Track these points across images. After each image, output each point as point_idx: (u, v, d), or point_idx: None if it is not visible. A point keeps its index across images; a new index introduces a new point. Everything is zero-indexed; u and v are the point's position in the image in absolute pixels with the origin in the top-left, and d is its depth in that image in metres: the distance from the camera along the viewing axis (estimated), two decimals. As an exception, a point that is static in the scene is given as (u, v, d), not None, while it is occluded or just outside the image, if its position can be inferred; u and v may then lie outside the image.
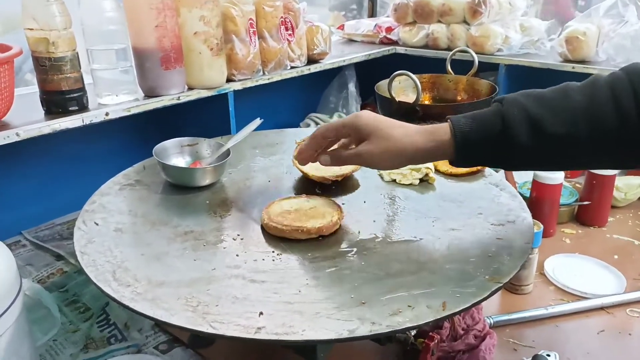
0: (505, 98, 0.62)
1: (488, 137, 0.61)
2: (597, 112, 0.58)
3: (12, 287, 0.62)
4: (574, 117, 0.58)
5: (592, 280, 0.90)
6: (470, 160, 0.64)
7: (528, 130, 0.59)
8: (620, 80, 0.59)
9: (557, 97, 0.60)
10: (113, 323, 0.83)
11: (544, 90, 0.62)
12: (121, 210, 0.71)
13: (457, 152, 0.62)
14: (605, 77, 0.61)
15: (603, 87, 0.59)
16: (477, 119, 0.62)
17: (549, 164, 0.66)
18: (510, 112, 0.60)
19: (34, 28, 0.84)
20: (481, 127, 0.61)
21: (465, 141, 0.61)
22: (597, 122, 0.58)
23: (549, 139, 0.59)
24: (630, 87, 0.57)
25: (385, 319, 0.49)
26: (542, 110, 0.59)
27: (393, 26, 1.75)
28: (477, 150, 0.62)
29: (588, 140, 0.59)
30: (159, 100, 1.00)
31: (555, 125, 0.58)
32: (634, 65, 0.60)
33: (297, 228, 0.63)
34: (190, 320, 0.48)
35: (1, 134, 0.80)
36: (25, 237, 1.08)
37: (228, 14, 1.09)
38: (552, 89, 0.62)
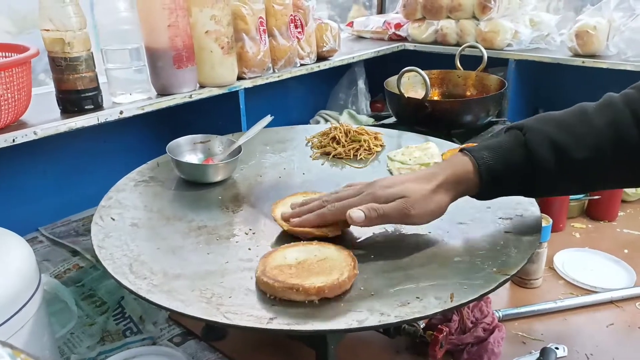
0: (525, 125, 0.62)
1: (514, 170, 0.60)
2: (621, 134, 0.58)
3: (32, 281, 0.65)
4: (599, 141, 0.58)
5: (601, 275, 0.91)
6: (497, 194, 0.64)
7: (554, 158, 0.59)
8: (636, 98, 0.59)
9: (578, 122, 0.60)
10: (128, 316, 0.85)
11: (561, 114, 0.62)
12: (136, 205, 0.73)
13: (484, 189, 0.61)
14: (619, 97, 0.61)
15: (621, 107, 0.59)
16: (499, 151, 0.61)
17: (576, 188, 0.66)
18: (534, 141, 0.60)
19: (50, 29, 0.86)
20: (506, 161, 0.60)
21: (491, 175, 0.60)
22: (622, 144, 0.58)
23: (575, 165, 0.59)
24: None
25: (394, 309, 0.50)
26: (565, 136, 0.59)
27: (402, 22, 1.75)
28: (502, 182, 0.61)
29: (614, 162, 0.59)
30: (172, 98, 1.02)
31: (580, 150, 0.58)
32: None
33: (291, 286, 0.51)
34: (205, 311, 0.50)
35: (19, 133, 0.82)
36: (42, 233, 1.10)
37: (238, 12, 1.11)
38: (568, 113, 0.62)
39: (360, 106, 1.70)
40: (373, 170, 0.87)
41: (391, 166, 0.86)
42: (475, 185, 0.61)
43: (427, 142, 0.93)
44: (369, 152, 0.93)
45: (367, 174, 0.86)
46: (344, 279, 0.53)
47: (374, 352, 0.75)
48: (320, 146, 0.96)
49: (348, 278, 0.53)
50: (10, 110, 0.81)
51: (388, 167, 0.87)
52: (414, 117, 1.22)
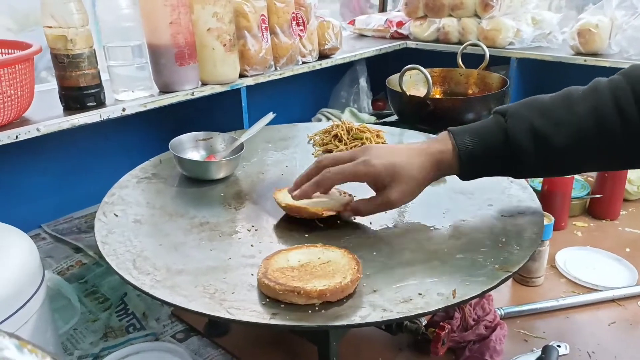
0: (508, 111, 0.63)
1: (493, 154, 0.62)
2: (602, 122, 0.59)
3: (36, 276, 0.65)
4: (579, 128, 0.59)
5: (603, 273, 0.91)
6: (476, 175, 0.66)
7: (533, 145, 0.60)
8: (621, 86, 0.59)
9: (561, 109, 0.61)
10: (131, 313, 0.85)
11: (546, 99, 0.63)
12: (139, 202, 0.73)
13: (463, 170, 0.64)
14: (605, 83, 0.61)
15: (605, 96, 0.59)
16: (481, 135, 0.63)
17: (556, 172, 0.68)
18: (514, 127, 0.61)
19: (53, 26, 0.86)
20: (485, 143, 0.62)
21: (470, 160, 0.63)
22: (603, 132, 0.59)
23: (554, 152, 0.60)
24: (631, 93, 0.58)
25: (397, 306, 0.50)
26: (546, 123, 0.60)
27: (404, 21, 1.76)
28: (483, 167, 0.64)
29: (594, 149, 0.60)
30: (174, 95, 1.02)
31: (561, 138, 0.59)
32: (632, 68, 0.61)
33: (292, 289, 0.50)
34: (208, 306, 0.50)
35: (23, 129, 0.82)
36: (44, 230, 1.10)
37: (240, 10, 1.11)
38: (554, 98, 0.63)
39: (362, 104, 1.70)
40: (375, 167, 0.87)
41: (393, 164, 0.86)
42: (456, 167, 0.64)
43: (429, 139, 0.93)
44: None
45: (369, 171, 0.86)
46: (346, 283, 0.52)
47: (376, 349, 0.75)
48: (323, 144, 0.96)
49: (351, 282, 0.52)
50: (14, 107, 0.82)
51: (390, 164, 0.87)
52: (416, 115, 1.22)
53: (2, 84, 0.78)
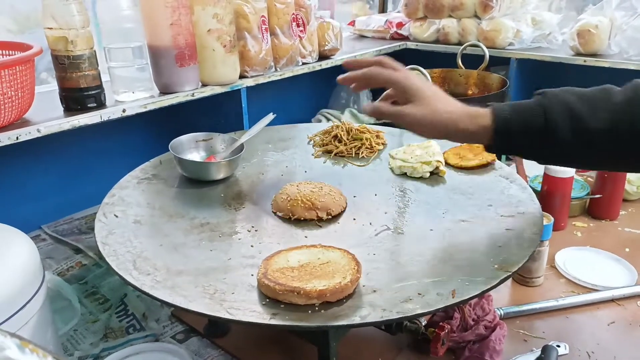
0: (547, 91, 0.63)
1: (529, 128, 0.61)
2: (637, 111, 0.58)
3: (36, 277, 0.65)
4: (615, 114, 0.59)
5: (603, 273, 0.91)
6: (508, 149, 0.65)
7: (570, 124, 0.59)
8: None
9: (599, 95, 0.61)
10: (131, 314, 0.85)
11: (586, 89, 0.63)
12: (139, 203, 0.73)
13: (497, 139, 0.62)
14: None
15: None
16: (520, 110, 0.62)
17: (585, 160, 0.66)
18: (552, 105, 0.60)
19: (54, 27, 0.86)
20: (522, 117, 0.61)
21: (506, 130, 0.62)
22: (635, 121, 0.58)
23: (589, 134, 0.59)
24: None
25: (396, 305, 0.50)
26: (584, 106, 0.60)
27: (404, 21, 1.76)
28: (517, 140, 0.62)
29: (627, 139, 0.59)
30: (174, 96, 1.02)
31: (597, 121, 0.59)
32: None
33: (292, 289, 0.51)
34: (208, 306, 0.50)
35: (23, 130, 0.82)
36: (45, 231, 1.11)
37: (240, 11, 1.11)
38: (592, 89, 0.63)
39: (361, 105, 1.70)
40: (375, 168, 0.88)
41: (393, 164, 0.87)
42: (489, 133, 0.62)
43: (428, 140, 0.93)
44: (371, 150, 0.94)
45: (368, 172, 0.86)
46: (346, 283, 0.52)
47: (376, 350, 0.75)
48: (322, 144, 0.97)
49: (351, 282, 0.52)
50: (14, 108, 0.82)
51: (390, 165, 0.87)
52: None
53: (3, 85, 0.78)
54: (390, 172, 0.86)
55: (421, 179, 0.82)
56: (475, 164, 0.84)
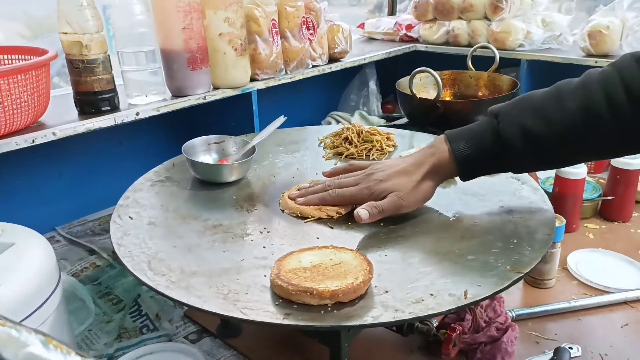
0: (501, 112, 0.66)
1: (487, 156, 0.66)
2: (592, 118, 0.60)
3: (53, 277, 0.66)
4: (570, 126, 0.61)
5: (615, 275, 0.90)
6: (475, 175, 0.70)
7: (525, 145, 0.63)
8: (611, 79, 0.60)
9: (552, 105, 0.63)
10: (145, 314, 0.86)
11: (539, 96, 0.65)
12: (153, 205, 0.74)
13: (461, 173, 0.69)
14: (596, 77, 0.62)
15: (596, 91, 0.60)
16: (475, 139, 0.66)
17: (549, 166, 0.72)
18: (506, 129, 0.64)
19: (68, 32, 0.88)
20: (479, 147, 0.66)
21: (467, 163, 0.67)
22: (593, 127, 0.60)
23: (545, 149, 0.63)
24: (622, 86, 0.59)
25: (408, 306, 0.51)
26: (537, 122, 0.62)
27: (413, 24, 1.76)
28: (479, 168, 0.69)
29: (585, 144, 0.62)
30: (186, 100, 1.03)
31: (552, 137, 0.62)
32: (622, 61, 0.62)
33: (305, 290, 0.51)
34: (222, 306, 0.51)
35: (39, 133, 0.84)
36: (59, 232, 1.12)
37: (251, 15, 1.12)
38: (546, 94, 0.65)
39: (371, 107, 1.70)
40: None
41: (404, 166, 0.87)
42: (454, 171, 0.69)
43: (439, 142, 0.93)
44: (382, 152, 0.94)
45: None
46: (358, 283, 0.52)
47: (387, 351, 0.75)
48: (333, 147, 0.97)
49: (363, 282, 0.53)
50: (30, 111, 0.83)
51: (400, 167, 0.88)
52: (425, 117, 1.23)
53: (19, 89, 0.79)
54: (401, 173, 0.86)
55: (432, 180, 0.82)
56: (486, 166, 0.84)
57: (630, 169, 1.06)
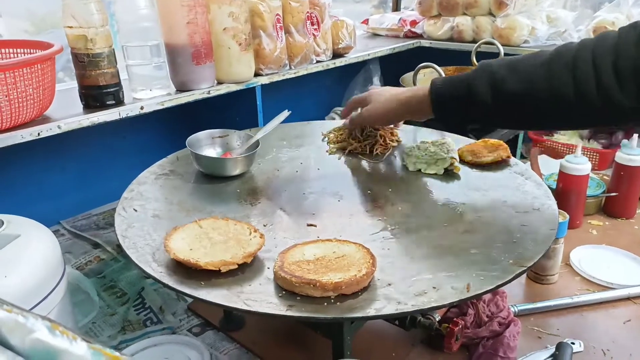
0: (483, 62, 0.70)
1: (455, 94, 0.71)
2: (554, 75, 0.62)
3: (58, 269, 0.67)
4: (530, 75, 0.64)
5: (618, 271, 0.90)
6: (442, 114, 0.75)
7: (489, 89, 0.67)
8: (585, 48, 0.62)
9: (526, 59, 0.66)
10: (149, 307, 0.87)
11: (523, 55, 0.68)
12: (157, 198, 0.74)
13: (433, 106, 0.74)
14: (574, 44, 0.64)
15: (566, 53, 0.63)
16: (451, 79, 0.73)
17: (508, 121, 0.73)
18: (477, 73, 0.69)
19: (74, 26, 0.88)
20: (451, 85, 0.72)
21: (438, 96, 0.73)
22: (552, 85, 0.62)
23: (505, 96, 0.66)
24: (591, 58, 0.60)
25: (411, 299, 0.51)
26: (506, 71, 0.66)
27: (417, 19, 1.76)
28: (447, 106, 0.73)
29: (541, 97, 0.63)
30: (191, 94, 1.04)
31: (513, 83, 0.65)
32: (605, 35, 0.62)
33: (308, 282, 0.51)
34: (226, 297, 0.51)
35: (44, 127, 0.84)
36: (63, 226, 1.13)
37: (256, 9, 1.12)
38: (528, 54, 0.68)
39: (375, 103, 1.70)
40: (389, 165, 0.88)
41: (407, 161, 0.87)
42: (428, 102, 0.75)
43: (442, 137, 0.93)
44: (385, 147, 0.94)
45: (382, 168, 0.87)
46: (361, 276, 0.52)
47: (390, 345, 0.75)
48: (337, 141, 0.97)
49: (366, 275, 0.53)
50: (36, 105, 0.84)
51: (404, 161, 0.88)
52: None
53: (24, 82, 0.80)
54: (405, 168, 0.86)
55: (435, 175, 0.83)
56: (489, 161, 0.84)
57: (635, 166, 1.06)
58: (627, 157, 1.06)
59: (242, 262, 0.56)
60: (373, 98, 0.83)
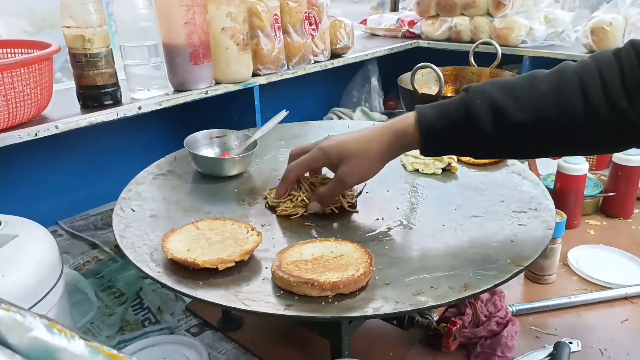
0: (471, 86, 0.63)
1: (452, 125, 0.61)
2: (564, 102, 0.57)
3: (56, 269, 0.67)
4: (540, 105, 0.58)
5: (616, 271, 0.90)
6: (436, 148, 0.65)
7: (491, 119, 0.59)
8: (588, 69, 0.58)
9: (524, 86, 0.60)
10: (147, 307, 0.87)
11: (512, 79, 0.63)
12: (155, 197, 0.74)
13: (423, 142, 0.63)
14: (573, 66, 0.60)
15: (571, 77, 0.58)
16: (442, 108, 0.63)
17: (513, 152, 0.66)
18: (474, 101, 0.60)
19: (71, 26, 0.88)
20: (445, 115, 0.62)
21: (430, 130, 0.62)
22: (564, 111, 0.57)
23: (512, 127, 0.59)
24: (598, 77, 0.57)
25: (409, 298, 0.51)
26: (507, 98, 0.59)
27: (416, 20, 1.76)
28: (442, 139, 0.63)
29: (553, 130, 0.59)
30: (188, 94, 1.04)
31: (520, 113, 0.58)
32: (601, 54, 0.60)
33: (306, 281, 0.51)
34: (224, 297, 0.51)
35: (42, 127, 0.84)
36: (61, 226, 1.13)
37: (254, 9, 1.12)
38: (519, 77, 0.63)
39: (373, 104, 1.70)
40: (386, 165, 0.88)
41: (405, 161, 0.87)
42: (417, 139, 0.63)
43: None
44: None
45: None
46: (359, 275, 0.52)
47: (388, 345, 0.75)
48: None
49: (364, 274, 0.53)
50: (33, 105, 0.84)
51: (402, 162, 0.88)
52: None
53: (22, 82, 0.80)
54: (403, 168, 0.86)
55: (433, 175, 0.83)
56: (487, 161, 0.84)
57: (632, 166, 1.06)
58: (624, 157, 1.06)
59: (239, 260, 0.56)
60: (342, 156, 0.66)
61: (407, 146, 0.66)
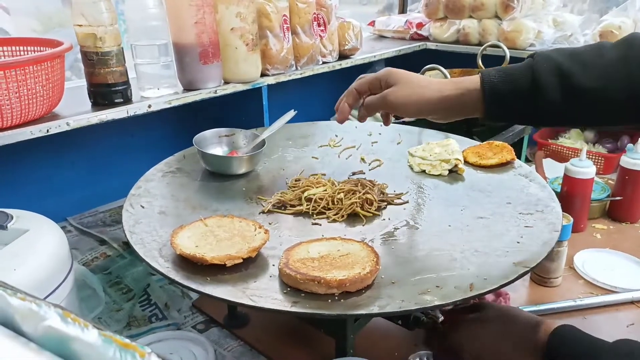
0: (537, 52, 0.62)
1: (517, 89, 0.60)
2: (634, 69, 0.56)
3: (65, 263, 0.68)
4: (607, 72, 0.57)
5: (622, 275, 0.90)
6: (500, 113, 0.62)
7: (557, 84, 0.58)
8: None
9: (591, 53, 0.59)
10: (154, 303, 0.88)
11: (579, 47, 0.62)
12: (164, 195, 0.75)
13: (486, 104, 0.61)
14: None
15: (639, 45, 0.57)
16: (507, 72, 0.61)
17: (578, 119, 0.63)
18: (540, 65, 0.59)
19: (83, 24, 0.89)
20: (510, 78, 0.60)
21: (494, 92, 0.60)
22: (632, 79, 0.56)
23: (578, 93, 0.58)
24: None
25: (414, 297, 0.51)
26: (574, 64, 0.58)
27: (424, 22, 1.76)
28: (506, 103, 0.61)
29: (620, 98, 0.57)
30: (198, 93, 1.05)
31: (586, 79, 0.57)
32: None
33: (313, 279, 0.52)
34: (232, 293, 0.52)
35: (53, 123, 0.85)
36: (70, 223, 1.14)
37: (263, 10, 1.13)
38: (586, 46, 0.61)
39: (380, 105, 1.70)
40: (393, 165, 0.88)
41: (411, 162, 0.87)
42: (480, 101, 0.61)
43: (447, 138, 0.94)
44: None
45: (387, 169, 0.87)
46: (365, 274, 0.53)
47: (393, 344, 0.76)
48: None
49: (370, 272, 0.53)
50: (45, 102, 0.85)
51: (409, 162, 0.88)
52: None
53: (34, 80, 0.81)
54: (409, 169, 0.87)
55: (440, 176, 0.83)
56: (494, 163, 0.85)
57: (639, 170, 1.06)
58: (632, 161, 1.06)
59: (247, 257, 0.57)
60: (399, 80, 0.66)
61: (464, 105, 0.63)
